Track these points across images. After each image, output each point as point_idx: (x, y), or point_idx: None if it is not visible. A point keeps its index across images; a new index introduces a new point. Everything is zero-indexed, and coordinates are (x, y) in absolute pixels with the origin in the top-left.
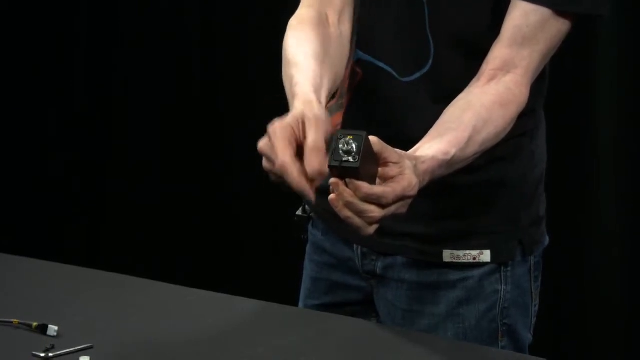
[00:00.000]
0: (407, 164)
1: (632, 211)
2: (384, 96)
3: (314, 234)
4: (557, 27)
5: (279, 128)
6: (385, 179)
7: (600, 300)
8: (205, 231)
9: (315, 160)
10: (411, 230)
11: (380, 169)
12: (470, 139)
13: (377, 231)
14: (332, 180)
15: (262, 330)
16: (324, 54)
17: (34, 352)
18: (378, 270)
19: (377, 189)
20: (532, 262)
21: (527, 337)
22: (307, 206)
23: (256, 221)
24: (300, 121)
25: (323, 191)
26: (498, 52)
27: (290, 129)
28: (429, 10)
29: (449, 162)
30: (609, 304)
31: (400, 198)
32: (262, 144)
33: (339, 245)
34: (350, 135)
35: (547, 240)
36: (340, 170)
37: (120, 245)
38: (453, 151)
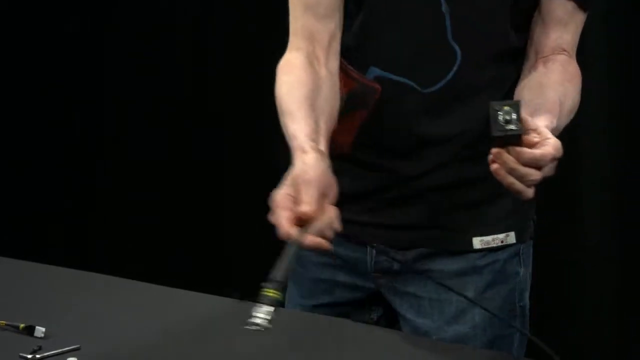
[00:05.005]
0: (544, 130)
1: (633, 211)
2: (405, 108)
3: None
4: (581, 17)
5: (279, 198)
6: (529, 146)
7: (600, 301)
8: (200, 232)
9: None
10: (440, 222)
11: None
12: (561, 111)
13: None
14: (495, 150)
15: (258, 331)
16: (316, 94)
17: (21, 354)
18: (395, 266)
19: (537, 151)
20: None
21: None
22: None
23: (253, 222)
24: (296, 186)
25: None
26: (545, 41)
27: (288, 197)
28: (451, 19)
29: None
30: (610, 303)
31: (554, 159)
32: (271, 215)
33: (345, 245)
34: (506, 105)
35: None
36: (505, 139)
37: (109, 246)
38: (555, 121)
